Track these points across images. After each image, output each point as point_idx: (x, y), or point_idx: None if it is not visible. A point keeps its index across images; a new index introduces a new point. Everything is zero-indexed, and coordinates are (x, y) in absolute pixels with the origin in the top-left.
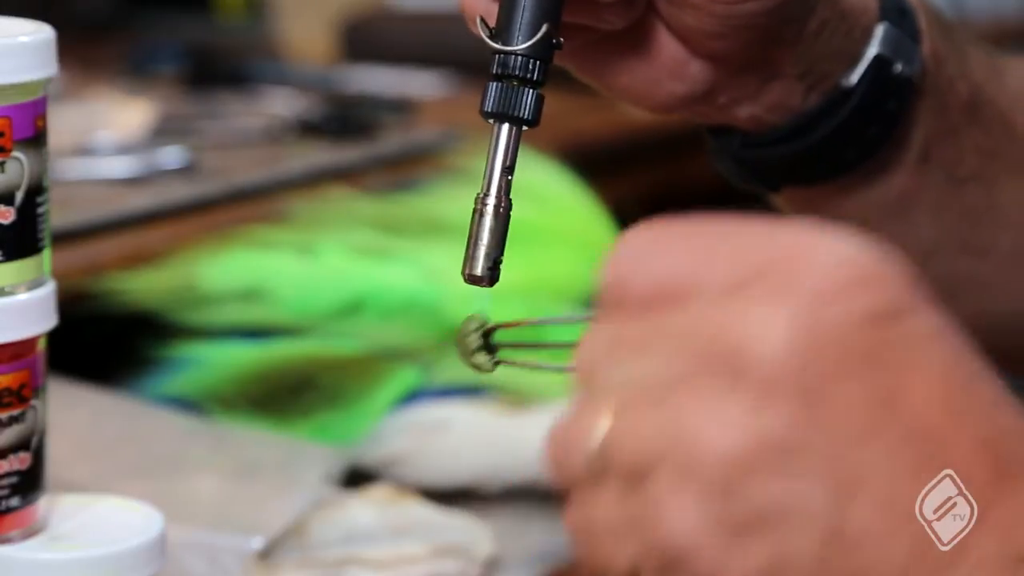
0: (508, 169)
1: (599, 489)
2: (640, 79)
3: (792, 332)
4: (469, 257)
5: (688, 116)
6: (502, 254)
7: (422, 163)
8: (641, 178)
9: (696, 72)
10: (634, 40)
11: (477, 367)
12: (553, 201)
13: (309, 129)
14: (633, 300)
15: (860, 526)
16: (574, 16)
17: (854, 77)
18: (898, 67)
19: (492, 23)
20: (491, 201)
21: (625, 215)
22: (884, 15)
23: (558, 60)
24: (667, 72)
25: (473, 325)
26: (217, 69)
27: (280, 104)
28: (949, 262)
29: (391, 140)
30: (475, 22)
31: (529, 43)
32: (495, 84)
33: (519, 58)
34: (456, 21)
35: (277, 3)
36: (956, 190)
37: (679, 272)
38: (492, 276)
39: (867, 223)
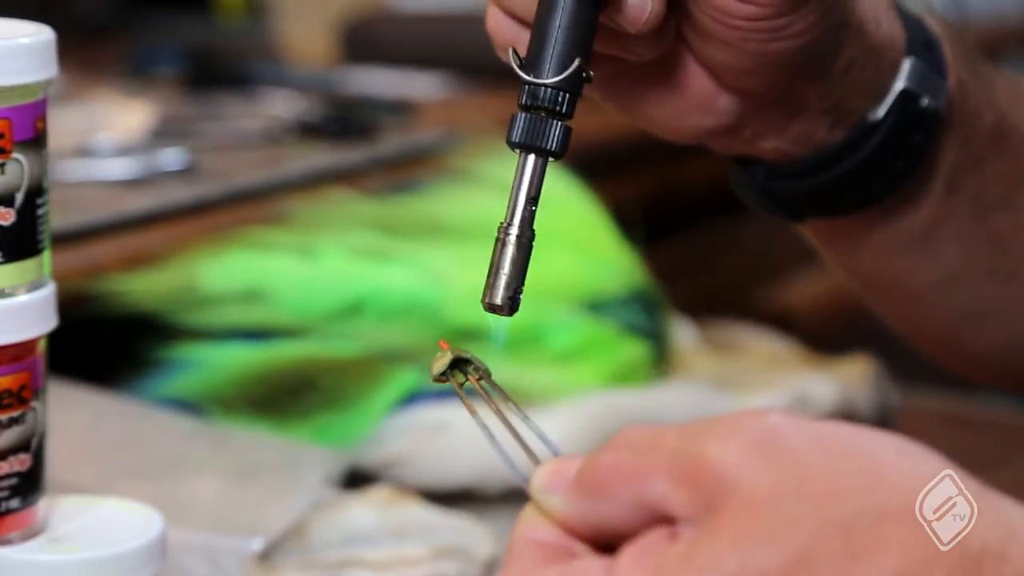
0: (532, 200)
1: None
2: (667, 110)
3: None
4: (489, 286)
5: (713, 147)
6: (523, 284)
7: (422, 164)
8: (641, 180)
9: (724, 106)
10: (663, 72)
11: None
12: (553, 203)
13: (309, 130)
14: None
15: None
16: (603, 47)
17: (880, 111)
18: (924, 101)
19: (522, 51)
20: (514, 231)
21: (625, 216)
22: (911, 49)
23: (584, 88)
24: (695, 105)
25: (445, 356)
26: (217, 71)
27: (280, 106)
28: (976, 288)
29: (391, 141)
30: (505, 50)
31: (560, 77)
32: (523, 115)
33: (548, 90)
34: (456, 23)
35: (277, 5)
36: (982, 218)
37: None
38: (512, 305)
39: (893, 252)
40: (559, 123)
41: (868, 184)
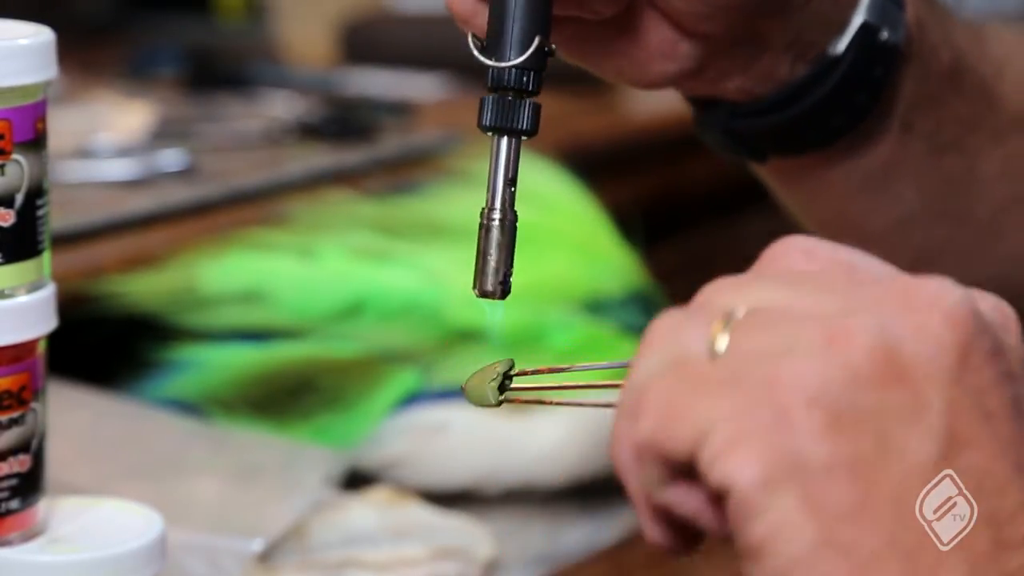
0: (511, 181)
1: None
2: (631, 61)
3: (948, 329)
4: (479, 273)
5: (677, 90)
6: (512, 267)
7: (422, 165)
8: (641, 180)
9: (686, 51)
10: (623, 25)
11: (483, 404)
12: (553, 203)
13: (309, 131)
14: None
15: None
16: (563, 9)
17: (841, 45)
18: (884, 34)
19: (480, 25)
20: (497, 215)
21: (624, 217)
22: None
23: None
24: (657, 53)
25: (497, 369)
26: (217, 71)
27: (280, 106)
28: (928, 230)
29: (391, 142)
30: (466, 24)
31: (523, 57)
32: (491, 98)
33: (513, 71)
34: (456, 24)
35: (277, 5)
36: (936, 159)
37: (837, 265)
38: (503, 290)
39: (850, 194)
40: (528, 101)
41: (829, 119)
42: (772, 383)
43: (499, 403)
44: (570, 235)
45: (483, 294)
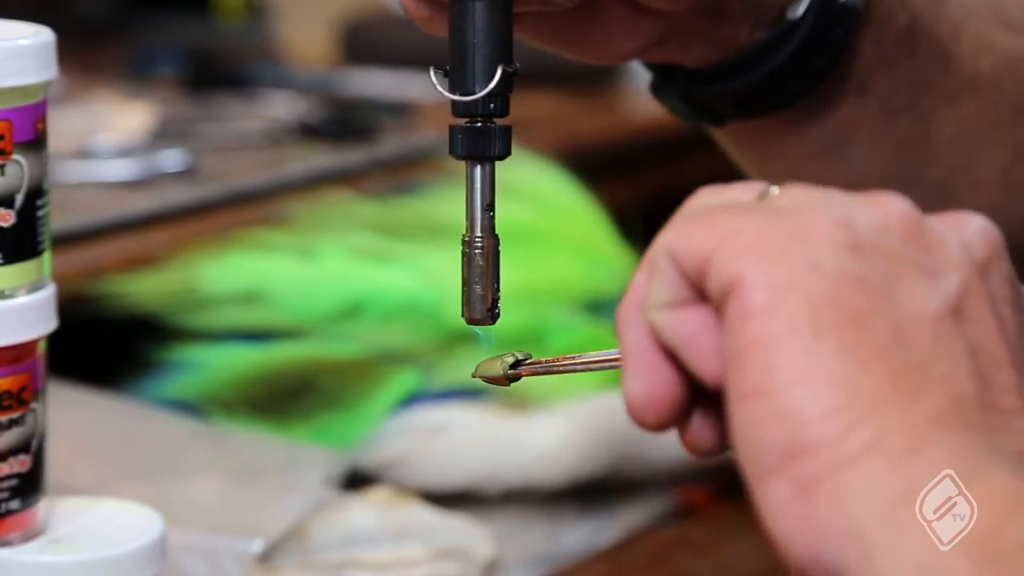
0: (489, 206)
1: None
2: (592, 42)
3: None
4: (466, 301)
5: (639, 60)
6: (498, 291)
7: (421, 166)
8: (640, 181)
9: (646, 27)
10: (584, 10)
11: (492, 380)
12: (553, 203)
13: (309, 132)
14: None
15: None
16: (525, 6)
17: (800, 8)
18: None
19: (441, 28)
20: (478, 243)
21: (624, 218)
22: None
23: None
24: (618, 32)
25: (509, 359)
26: (217, 72)
27: (280, 107)
28: None
29: (391, 143)
30: (424, 26)
31: (488, 88)
32: (461, 127)
33: (480, 100)
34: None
35: (277, 6)
36: (890, 121)
37: None
38: (492, 315)
39: (806, 158)
40: (497, 126)
41: (788, 83)
42: (803, 210)
43: (509, 380)
44: (570, 235)
45: (472, 322)
